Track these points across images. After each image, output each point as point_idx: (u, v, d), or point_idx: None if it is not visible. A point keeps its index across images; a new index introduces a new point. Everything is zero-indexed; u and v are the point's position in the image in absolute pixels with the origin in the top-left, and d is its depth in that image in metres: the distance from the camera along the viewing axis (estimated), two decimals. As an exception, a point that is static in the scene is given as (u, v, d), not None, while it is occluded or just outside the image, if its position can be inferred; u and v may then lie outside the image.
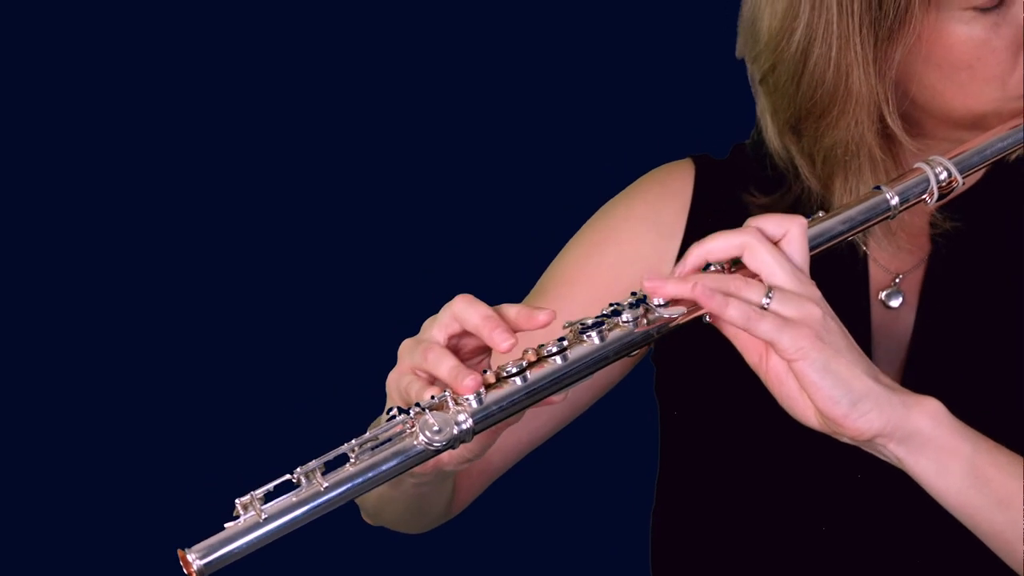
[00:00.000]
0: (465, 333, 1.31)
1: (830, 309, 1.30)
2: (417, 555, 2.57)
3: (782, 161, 1.55)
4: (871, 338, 1.52)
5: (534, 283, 1.65)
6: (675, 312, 1.30)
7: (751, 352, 1.32)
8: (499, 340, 1.26)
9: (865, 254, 1.54)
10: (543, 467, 1.94)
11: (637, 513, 1.73)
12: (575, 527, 2.62)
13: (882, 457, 1.32)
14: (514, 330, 1.28)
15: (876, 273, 1.55)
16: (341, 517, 2.12)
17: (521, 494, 2.45)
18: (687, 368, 1.60)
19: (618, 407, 1.81)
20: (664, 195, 1.62)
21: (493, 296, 1.34)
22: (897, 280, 1.54)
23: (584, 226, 1.65)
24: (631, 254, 1.59)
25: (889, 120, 1.46)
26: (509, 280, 1.68)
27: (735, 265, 1.33)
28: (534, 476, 2.14)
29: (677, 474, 1.63)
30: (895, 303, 1.53)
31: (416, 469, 1.33)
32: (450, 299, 1.32)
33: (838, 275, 1.50)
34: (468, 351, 1.32)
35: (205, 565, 1.17)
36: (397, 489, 1.43)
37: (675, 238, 1.59)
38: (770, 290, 1.28)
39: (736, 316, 1.27)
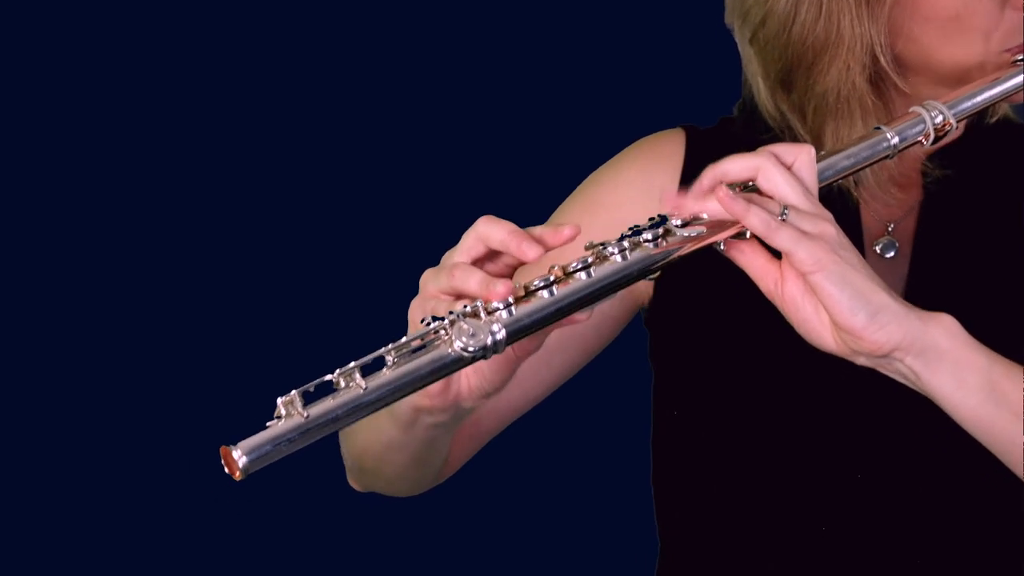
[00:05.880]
0: (487, 258, 1.32)
1: (841, 230, 1.33)
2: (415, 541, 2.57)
3: (775, 123, 1.57)
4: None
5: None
6: (693, 232, 1.33)
7: (766, 279, 1.34)
8: (527, 249, 1.28)
9: (857, 205, 1.57)
10: (534, 439, 1.94)
11: (637, 484, 1.73)
12: (571, 502, 2.63)
13: (897, 376, 1.33)
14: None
15: (869, 223, 1.58)
16: (338, 509, 2.12)
17: (518, 464, 2.46)
18: (682, 345, 1.60)
19: (609, 375, 1.82)
20: (656, 160, 1.63)
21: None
22: (890, 229, 1.57)
23: (574, 192, 1.65)
24: (622, 219, 1.55)
25: (883, 61, 1.50)
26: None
27: (748, 190, 1.35)
28: (528, 448, 2.15)
29: (673, 463, 1.62)
30: (890, 253, 1.56)
31: (437, 404, 1.34)
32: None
33: None
34: (492, 275, 1.32)
35: (250, 462, 1.16)
36: (409, 432, 1.43)
37: None
38: (785, 209, 1.31)
39: (757, 223, 1.29)
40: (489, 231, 1.30)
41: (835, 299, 1.29)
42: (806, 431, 1.53)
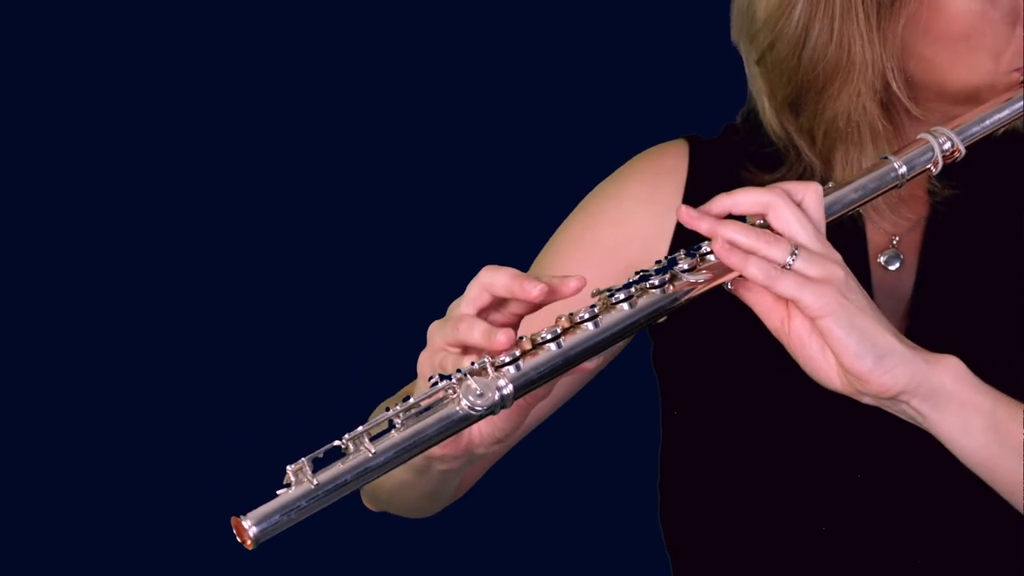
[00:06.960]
0: (492, 307, 1.31)
1: (850, 271, 1.32)
2: (425, 546, 2.58)
3: (780, 141, 1.56)
4: (873, 300, 1.54)
5: (527, 267, 1.64)
6: (700, 277, 1.32)
7: (772, 316, 1.33)
8: (529, 288, 1.27)
9: (862, 218, 1.56)
10: (543, 450, 1.94)
11: (644, 492, 1.74)
12: (580, 510, 2.64)
13: (904, 416, 1.34)
14: (545, 298, 1.28)
15: (874, 236, 1.57)
16: (344, 516, 2.14)
17: (528, 477, 2.47)
18: (685, 351, 1.60)
19: (615, 386, 1.82)
20: (659, 173, 1.62)
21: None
22: (895, 242, 1.57)
23: (577, 208, 1.64)
24: (627, 234, 1.60)
25: (895, 86, 1.49)
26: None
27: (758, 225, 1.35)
28: (538, 459, 2.15)
29: (678, 466, 1.63)
30: (894, 266, 1.56)
31: (449, 452, 1.34)
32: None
33: (836, 238, 1.51)
34: (498, 325, 1.31)
35: (261, 532, 1.17)
36: (423, 476, 1.42)
37: (671, 216, 1.58)
38: (795, 249, 1.30)
39: (757, 274, 1.29)
40: (492, 279, 1.29)
41: (842, 343, 1.29)
42: (807, 431, 1.53)
